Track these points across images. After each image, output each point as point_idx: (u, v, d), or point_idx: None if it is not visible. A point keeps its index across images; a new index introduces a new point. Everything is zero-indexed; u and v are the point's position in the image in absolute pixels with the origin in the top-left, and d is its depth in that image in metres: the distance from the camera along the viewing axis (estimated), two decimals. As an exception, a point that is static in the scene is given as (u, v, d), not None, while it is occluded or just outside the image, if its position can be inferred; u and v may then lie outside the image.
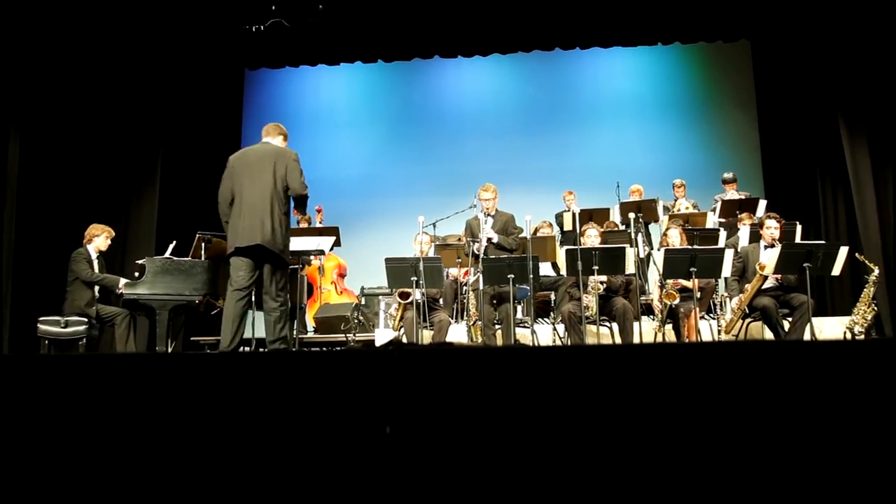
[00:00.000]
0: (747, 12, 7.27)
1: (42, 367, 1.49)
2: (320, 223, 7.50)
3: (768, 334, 5.36)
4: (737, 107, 8.88)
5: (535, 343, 5.34)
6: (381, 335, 6.19)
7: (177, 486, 1.34)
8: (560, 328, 5.57)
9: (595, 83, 9.29)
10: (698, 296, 5.35)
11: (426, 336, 5.55)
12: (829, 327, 5.88)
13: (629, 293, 5.52)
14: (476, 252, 5.36)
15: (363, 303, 7.02)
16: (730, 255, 5.24)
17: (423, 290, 5.36)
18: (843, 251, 5.04)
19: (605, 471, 1.25)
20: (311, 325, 6.99)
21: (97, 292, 5.53)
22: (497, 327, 5.48)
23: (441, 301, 5.91)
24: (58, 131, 6.71)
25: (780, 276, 5.23)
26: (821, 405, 1.25)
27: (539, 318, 6.34)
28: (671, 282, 5.42)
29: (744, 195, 7.35)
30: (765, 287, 5.24)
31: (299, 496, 1.30)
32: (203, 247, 5.43)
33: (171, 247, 5.57)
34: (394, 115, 9.49)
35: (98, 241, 5.66)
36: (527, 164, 8.91)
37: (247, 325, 4.50)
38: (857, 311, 5.57)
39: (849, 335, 5.56)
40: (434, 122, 9.41)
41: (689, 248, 5.29)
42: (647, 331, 5.64)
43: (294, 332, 5.19)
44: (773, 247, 5.29)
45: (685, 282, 5.43)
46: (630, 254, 5.22)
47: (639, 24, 7.50)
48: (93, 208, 6.69)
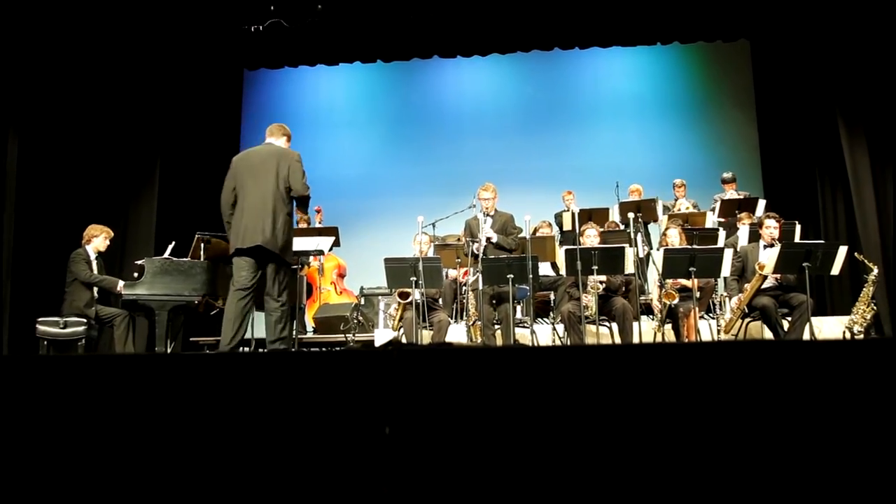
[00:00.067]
0: (746, 12, 7.27)
1: (41, 367, 1.49)
2: (319, 223, 7.50)
3: (768, 334, 5.36)
4: (736, 106, 8.88)
5: (535, 343, 5.34)
6: (381, 335, 6.18)
7: (177, 486, 1.34)
8: (559, 328, 5.57)
9: (594, 83, 9.28)
10: (697, 295, 5.35)
11: (425, 336, 5.55)
12: (828, 327, 5.88)
13: (629, 293, 5.52)
14: (475, 252, 5.36)
15: (362, 303, 7.01)
16: (729, 254, 5.24)
17: (423, 291, 5.36)
18: (843, 251, 5.04)
19: (605, 471, 1.25)
20: (310, 325, 6.99)
21: (96, 293, 5.53)
22: (496, 327, 5.48)
23: (440, 301, 5.91)
24: (56, 132, 6.70)
25: (779, 275, 5.23)
26: (820, 405, 1.25)
27: (538, 318, 6.34)
28: (670, 281, 5.42)
29: (743, 195, 7.36)
30: (764, 287, 5.24)
31: (299, 496, 1.30)
32: (202, 247, 5.41)
33: (170, 247, 5.56)
34: (393, 115, 9.49)
35: (97, 241, 5.65)
36: (526, 164, 8.91)
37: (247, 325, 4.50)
38: (856, 311, 5.57)
39: (848, 335, 5.56)
40: (433, 122, 9.40)
41: (689, 247, 5.29)
42: (646, 331, 5.64)
43: (293, 333, 5.19)
44: (772, 246, 5.29)
45: (684, 281, 5.43)
46: (629, 254, 5.22)
47: (638, 23, 7.50)
48: (92, 209, 6.69)
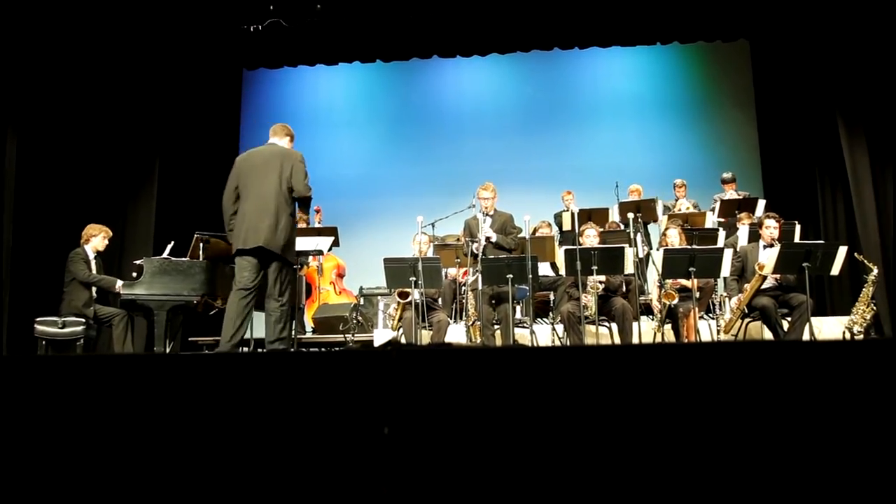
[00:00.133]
0: (746, 12, 7.27)
1: (39, 367, 1.49)
2: (319, 223, 7.49)
3: (767, 334, 5.36)
4: (736, 106, 8.88)
5: (534, 343, 5.34)
6: (380, 335, 6.18)
7: (176, 486, 1.34)
8: (559, 328, 5.57)
9: (594, 83, 9.29)
10: (697, 296, 5.35)
11: (425, 336, 5.54)
12: (828, 327, 5.88)
13: (628, 293, 5.51)
14: (475, 252, 5.36)
15: (362, 303, 7.01)
16: (729, 254, 5.24)
17: (422, 291, 5.36)
18: (842, 251, 5.04)
19: (605, 471, 1.25)
20: (309, 325, 6.98)
21: (95, 293, 5.52)
22: (496, 327, 5.48)
23: (440, 301, 5.91)
24: (55, 131, 6.70)
25: (779, 275, 5.23)
26: (820, 405, 1.25)
27: (538, 319, 6.34)
28: (670, 282, 5.42)
29: (743, 195, 7.36)
30: (764, 287, 5.24)
31: (298, 497, 1.29)
32: (201, 247, 5.40)
33: (169, 247, 5.55)
34: (392, 114, 9.48)
35: (95, 241, 5.65)
36: (525, 164, 8.91)
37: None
38: (856, 311, 5.57)
39: (848, 335, 5.56)
40: (433, 121, 9.40)
41: (688, 247, 5.29)
42: (646, 331, 5.63)
43: (293, 333, 5.18)
44: (772, 246, 5.29)
45: (684, 281, 5.43)
46: (629, 254, 5.22)
47: (637, 23, 7.50)
48: (90, 208, 6.68)
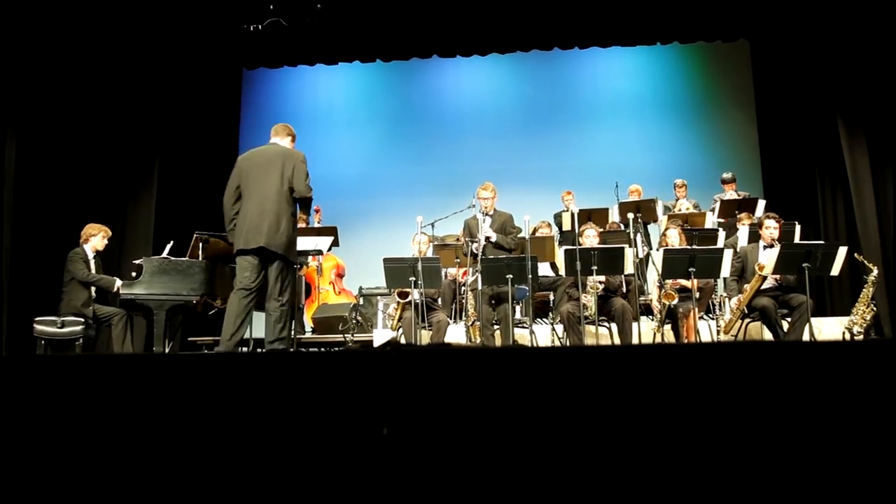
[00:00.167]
0: (746, 12, 7.27)
1: (38, 367, 1.48)
2: (318, 223, 7.49)
3: (767, 335, 5.36)
4: (736, 106, 8.88)
5: (534, 343, 5.33)
6: (380, 335, 6.18)
7: (175, 487, 1.33)
8: (559, 328, 5.56)
9: (594, 83, 9.29)
10: (697, 296, 5.35)
11: (424, 336, 5.54)
12: (828, 327, 5.88)
13: (628, 293, 5.51)
14: (474, 252, 5.35)
15: (361, 303, 7.01)
16: (729, 255, 5.24)
17: (422, 291, 5.35)
18: (842, 251, 5.04)
19: (604, 472, 1.24)
20: (308, 325, 6.98)
21: (94, 292, 5.51)
22: (496, 328, 5.47)
23: (439, 301, 5.90)
24: (55, 131, 6.69)
25: (779, 276, 5.23)
26: (820, 406, 1.25)
27: (538, 319, 6.34)
28: (670, 282, 5.42)
29: (743, 195, 7.36)
30: (764, 287, 5.23)
31: (297, 497, 1.29)
32: (201, 247, 5.41)
33: (169, 247, 5.55)
34: (392, 114, 9.48)
35: (95, 240, 5.64)
36: (525, 164, 8.90)
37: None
38: (856, 312, 5.57)
39: (848, 335, 5.56)
40: (433, 121, 9.40)
41: (688, 248, 5.29)
42: (645, 331, 5.63)
43: (292, 333, 5.18)
44: (772, 247, 5.28)
45: (684, 282, 5.43)
46: (629, 254, 5.21)
47: (637, 23, 7.50)
48: (90, 208, 6.68)
